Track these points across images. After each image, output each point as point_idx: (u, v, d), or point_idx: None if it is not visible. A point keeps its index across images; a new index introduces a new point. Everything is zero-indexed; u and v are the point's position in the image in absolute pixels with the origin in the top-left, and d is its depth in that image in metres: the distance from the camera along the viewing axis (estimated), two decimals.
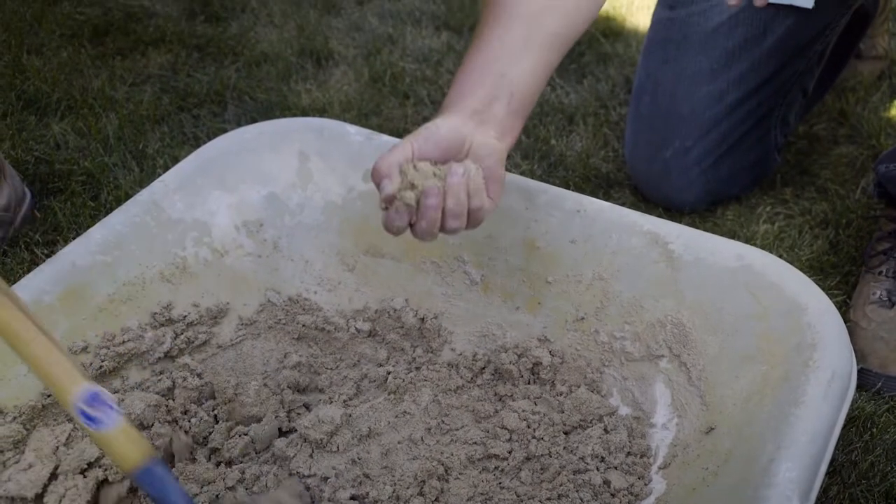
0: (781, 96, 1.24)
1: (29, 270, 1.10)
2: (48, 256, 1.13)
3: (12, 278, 1.09)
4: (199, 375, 0.87)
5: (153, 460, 0.64)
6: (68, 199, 1.25)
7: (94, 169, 1.30)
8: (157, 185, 0.93)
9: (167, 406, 0.82)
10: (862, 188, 1.31)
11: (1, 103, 1.46)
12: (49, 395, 0.79)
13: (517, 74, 0.81)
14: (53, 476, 0.76)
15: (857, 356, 1.01)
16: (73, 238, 0.90)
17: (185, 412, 0.83)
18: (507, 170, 1.30)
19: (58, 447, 0.78)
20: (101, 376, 0.84)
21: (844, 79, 1.52)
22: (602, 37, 1.70)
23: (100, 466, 0.77)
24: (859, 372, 1.01)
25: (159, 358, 0.87)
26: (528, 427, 0.82)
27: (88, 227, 0.90)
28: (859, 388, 1.01)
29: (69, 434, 0.79)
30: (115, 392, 0.83)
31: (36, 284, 0.82)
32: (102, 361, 0.83)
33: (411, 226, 0.76)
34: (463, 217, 0.75)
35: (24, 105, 1.47)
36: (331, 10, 1.84)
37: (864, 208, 1.26)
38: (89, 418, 0.63)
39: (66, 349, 0.65)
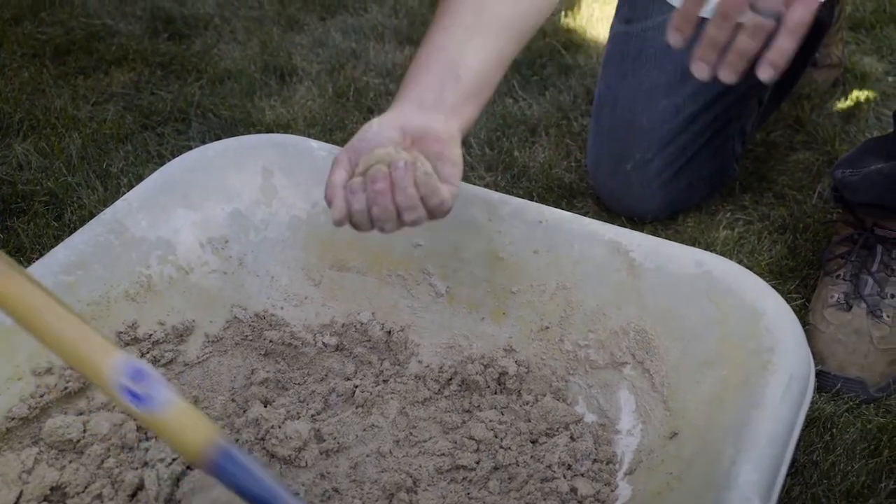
0: (738, 108, 1.26)
1: None
2: None
3: None
4: None
5: (222, 442, 0.55)
6: (31, 220, 1.24)
7: (58, 189, 1.30)
8: (121, 204, 0.93)
9: (136, 424, 0.82)
10: (818, 193, 1.34)
11: None
12: (14, 419, 0.79)
13: (465, 59, 0.80)
14: (17, 502, 0.75)
15: (815, 359, 1.03)
16: (37, 259, 0.90)
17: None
18: (472, 182, 1.31)
19: (22, 472, 0.77)
20: (67, 397, 0.83)
21: (800, 86, 1.55)
22: (563, 49, 1.72)
23: (63, 493, 0.76)
24: (818, 374, 1.03)
25: None
26: (496, 437, 0.83)
27: (52, 247, 0.90)
28: (819, 390, 1.03)
29: (35, 458, 0.78)
30: (81, 413, 0.83)
31: None
32: (67, 382, 0.82)
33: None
34: (418, 209, 0.74)
35: None
36: (294, 26, 1.85)
37: (821, 213, 1.29)
38: (136, 396, 0.53)
39: (90, 324, 0.56)
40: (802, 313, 1.12)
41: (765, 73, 0.75)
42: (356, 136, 0.78)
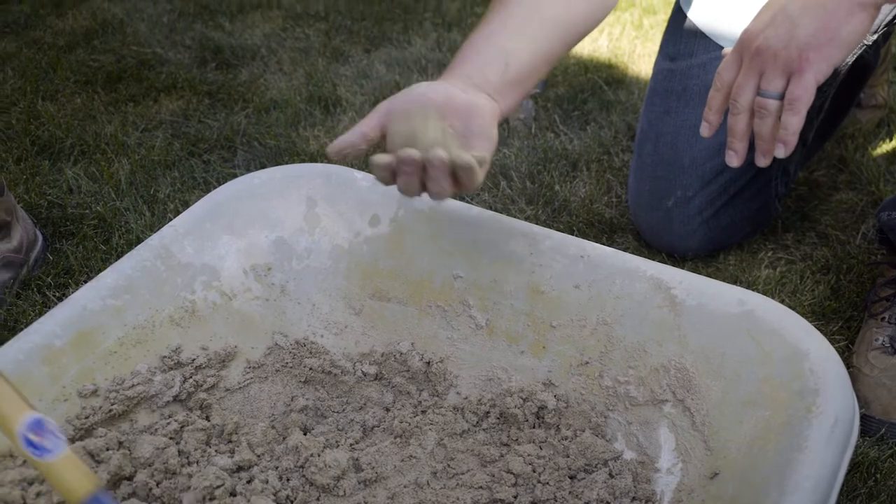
0: None
1: (41, 313, 1.11)
2: (60, 299, 1.15)
3: (24, 320, 1.11)
4: (207, 417, 0.88)
5: (100, 491, 0.63)
6: (80, 243, 1.27)
7: (106, 213, 1.32)
8: (167, 230, 0.94)
9: (178, 449, 0.82)
10: (862, 234, 1.32)
11: (16, 148, 1.49)
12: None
13: (514, 48, 0.85)
14: None
15: (860, 402, 1.02)
16: (85, 281, 0.92)
17: (196, 456, 0.84)
18: (512, 214, 1.32)
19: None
20: (111, 419, 0.84)
21: (844, 126, 1.54)
22: (605, 84, 1.73)
23: None
24: (862, 418, 1.01)
25: (168, 401, 0.88)
26: (534, 471, 0.82)
27: (100, 270, 0.92)
28: (862, 434, 1.01)
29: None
30: (125, 435, 0.84)
31: (47, 329, 0.83)
32: (112, 405, 0.84)
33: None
34: (444, 193, 0.76)
35: (38, 150, 1.50)
36: (339, 58, 1.88)
37: (864, 254, 1.27)
38: (34, 446, 0.62)
39: (9, 380, 0.66)
40: (846, 355, 1.10)
41: (778, 151, 0.80)
42: (403, 92, 0.81)
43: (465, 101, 0.79)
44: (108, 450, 0.80)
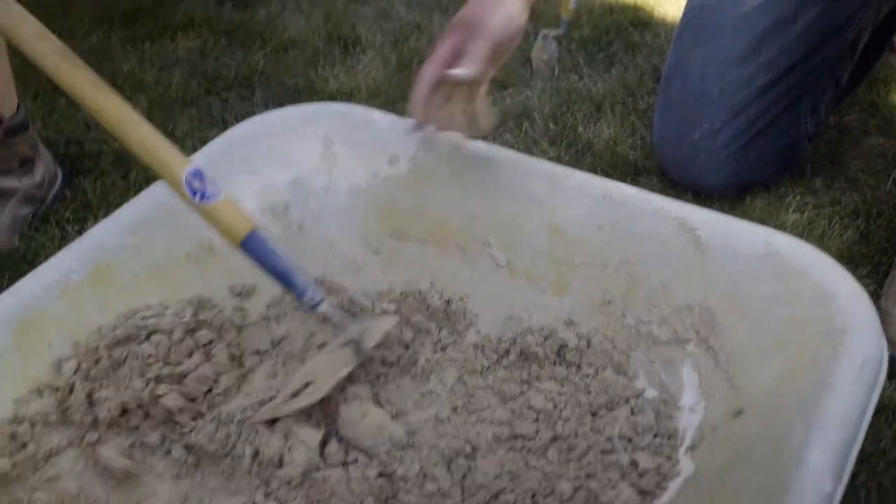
0: (811, 82, 1.23)
1: (60, 247, 1.11)
2: (79, 233, 1.14)
3: (44, 253, 1.11)
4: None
5: (258, 229, 0.72)
6: (98, 179, 1.27)
7: (124, 150, 1.31)
8: None
9: (194, 340, 0.84)
10: (893, 179, 1.29)
11: (33, 84, 1.48)
12: None
13: None
14: None
15: (888, 344, 1.00)
16: (104, 216, 0.91)
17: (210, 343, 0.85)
18: (535, 155, 1.30)
19: None
20: (126, 341, 0.84)
21: (876, 70, 1.50)
22: (630, 26, 1.69)
23: None
24: (890, 360, 0.99)
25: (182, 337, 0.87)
26: (555, 407, 0.82)
27: (118, 205, 0.91)
28: (890, 377, 0.99)
29: None
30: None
31: (65, 263, 0.83)
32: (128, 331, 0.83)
33: None
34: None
35: (55, 87, 1.48)
36: None
37: (895, 199, 1.25)
38: (196, 192, 0.72)
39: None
40: (874, 299, 1.08)
41: None
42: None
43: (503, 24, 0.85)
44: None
